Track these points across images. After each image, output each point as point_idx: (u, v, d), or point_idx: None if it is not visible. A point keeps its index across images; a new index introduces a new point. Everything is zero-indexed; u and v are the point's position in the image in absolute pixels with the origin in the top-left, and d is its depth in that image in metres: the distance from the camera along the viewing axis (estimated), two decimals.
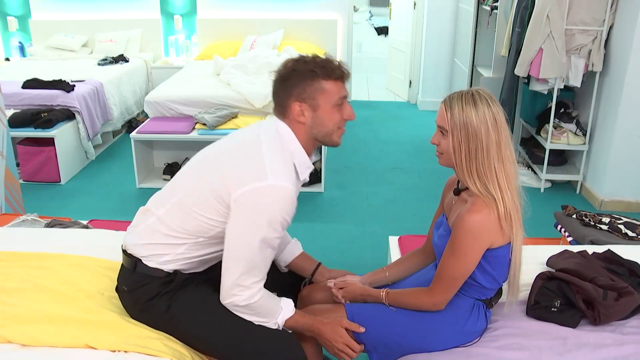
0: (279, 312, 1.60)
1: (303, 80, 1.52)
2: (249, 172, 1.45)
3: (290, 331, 1.65)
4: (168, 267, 1.59)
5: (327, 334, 1.59)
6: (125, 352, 1.52)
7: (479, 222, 1.47)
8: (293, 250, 1.88)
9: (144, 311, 1.61)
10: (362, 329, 1.61)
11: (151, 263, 1.58)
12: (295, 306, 1.95)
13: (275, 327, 1.60)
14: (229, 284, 1.50)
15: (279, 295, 1.66)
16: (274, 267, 1.96)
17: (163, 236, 1.57)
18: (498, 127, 1.48)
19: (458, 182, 1.64)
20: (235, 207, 1.45)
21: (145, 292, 1.59)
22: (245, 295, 1.50)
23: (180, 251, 1.57)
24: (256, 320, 1.57)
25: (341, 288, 1.76)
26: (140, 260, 1.59)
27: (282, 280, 1.99)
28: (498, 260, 1.55)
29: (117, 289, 1.70)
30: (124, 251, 1.64)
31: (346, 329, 1.61)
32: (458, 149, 1.49)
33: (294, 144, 1.56)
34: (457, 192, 1.63)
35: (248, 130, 1.63)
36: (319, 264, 1.90)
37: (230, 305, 1.54)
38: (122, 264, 1.66)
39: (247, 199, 1.44)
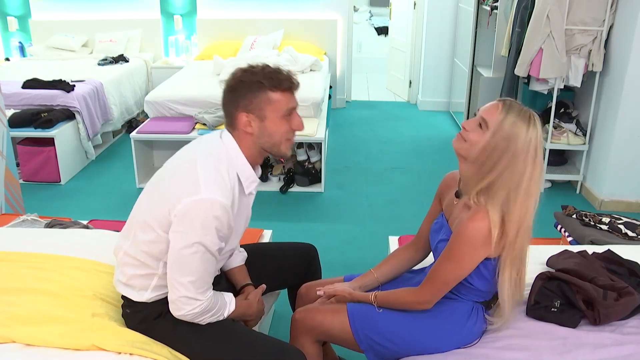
0: (225, 306, 1.61)
1: (250, 91, 1.51)
2: (184, 189, 1.46)
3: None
4: (154, 299, 1.59)
5: (254, 313, 1.74)
6: (131, 354, 1.52)
7: (479, 231, 1.44)
8: (231, 261, 1.86)
9: (149, 330, 1.61)
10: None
11: (140, 299, 1.59)
12: (294, 304, 1.96)
13: (221, 318, 1.62)
14: (176, 296, 1.49)
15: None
16: (272, 269, 1.96)
17: (134, 268, 1.57)
18: (537, 155, 1.43)
19: (459, 182, 1.62)
20: (174, 222, 1.46)
21: (148, 313, 1.60)
22: (193, 305, 1.50)
23: (155, 283, 1.58)
24: (209, 320, 1.57)
25: (330, 297, 1.75)
26: (128, 297, 1.61)
27: (282, 278, 1.99)
28: (496, 268, 1.54)
29: (122, 314, 1.69)
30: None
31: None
32: (488, 152, 1.43)
33: (238, 158, 1.56)
34: (458, 194, 1.61)
35: (188, 148, 1.64)
36: (247, 285, 1.84)
37: (182, 317, 1.52)
38: None
39: (182, 212, 1.44)
